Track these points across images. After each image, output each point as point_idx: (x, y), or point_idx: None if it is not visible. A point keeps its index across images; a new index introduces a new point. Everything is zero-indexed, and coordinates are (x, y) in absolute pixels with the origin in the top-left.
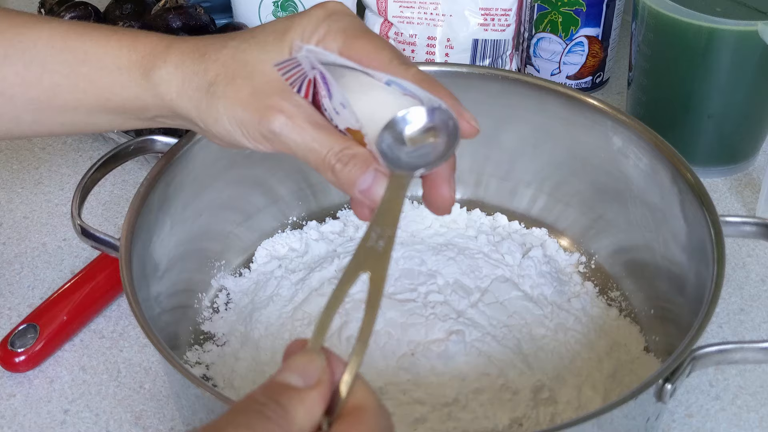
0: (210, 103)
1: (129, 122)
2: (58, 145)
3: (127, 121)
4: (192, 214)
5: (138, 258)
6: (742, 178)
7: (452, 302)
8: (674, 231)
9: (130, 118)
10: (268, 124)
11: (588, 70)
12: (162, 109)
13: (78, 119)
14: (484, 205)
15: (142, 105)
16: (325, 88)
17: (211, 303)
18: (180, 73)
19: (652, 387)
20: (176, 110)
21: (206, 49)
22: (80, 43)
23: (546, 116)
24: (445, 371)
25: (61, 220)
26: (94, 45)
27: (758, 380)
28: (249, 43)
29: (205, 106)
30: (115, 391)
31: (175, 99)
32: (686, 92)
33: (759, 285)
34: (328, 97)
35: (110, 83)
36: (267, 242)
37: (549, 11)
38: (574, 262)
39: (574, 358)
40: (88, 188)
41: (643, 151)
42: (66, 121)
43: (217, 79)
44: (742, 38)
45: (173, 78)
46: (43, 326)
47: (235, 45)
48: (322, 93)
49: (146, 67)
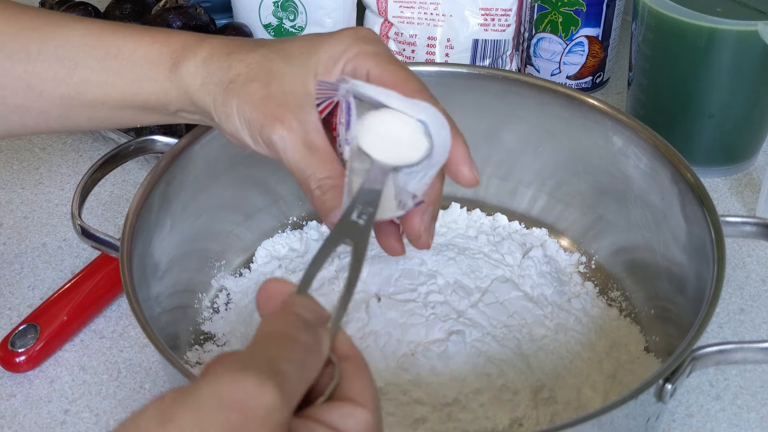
0: (225, 99)
1: (152, 117)
2: (58, 145)
3: (150, 116)
4: (192, 214)
5: (138, 258)
6: (742, 178)
7: (452, 302)
8: (674, 231)
9: (153, 113)
10: (269, 131)
11: (588, 70)
12: (184, 102)
13: (104, 114)
14: (485, 206)
15: (166, 99)
16: (346, 117)
17: (211, 303)
18: (206, 67)
19: (653, 387)
20: (196, 102)
21: (235, 49)
22: (113, 39)
23: (546, 116)
24: (445, 371)
25: (61, 220)
26: (127, 41)
27: (758, 380)
28: (277, 53)
29: (221, 101)
30: (115, 392)
31: (196, 91)
32: (686, 92)
33: (759, 285)
34: (346, 126)
35: (139, 77)
36: (267, 242)
37: (549, 11)
38: (574, 262)
39: (574, 358)
40: (88, 188)
41: (643, 151)
42: (93, 116)
43: (238, 78)
44: (743, 38)
45: (199, 71)
46: (43, 326)
47: (263, 52)
48: (342, 120)
49: (176, 61)
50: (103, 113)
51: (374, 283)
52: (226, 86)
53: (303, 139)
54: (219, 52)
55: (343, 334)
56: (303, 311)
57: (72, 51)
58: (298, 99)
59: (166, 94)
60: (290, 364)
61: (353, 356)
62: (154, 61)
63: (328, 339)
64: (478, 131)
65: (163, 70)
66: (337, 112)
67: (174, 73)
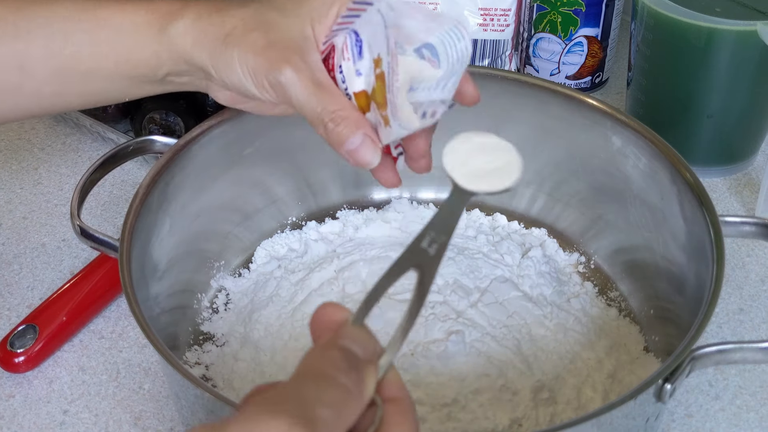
0: (224, 51)
1: (142, 88)
2: (58, 145)
3: (140, 87)
4: (191, 214)
5: (137, 258)
6: (742, 178)
7: (452, 302)
8: (674, 231)
9: (144, 82)
10: (276, 73)
11: (587, 70)
12: (176, 63)
13: (96, 87)
14: (484, 205)
15: (157, 62)
16: (352, 52)
17: (210, 303)
18: (197, 26)
19: (652, 387)
20: (190, 60)
21: (224, 7)
22: (100, 11)
23: (545, 116)
24: (445, 371)
25: (61, 220)
26: (111, 11)
27: (758, 380)
28: (267, 7)
29: (220, 53)
30: (114, 392)
31: (189, 50)
32: (685, 92)
33: (758, 285)
34: (353, 61)
35: (129, 44)
36: (266, 242)
37: (548, 11)
38: (573, 262)
39: (573, 358)
40: (87, 189)
41: (642, 151)
42: (85, 90)
43: (234, 30)
44: (742, 38)
45: (190, 30)
46: (42, 327)
47: (255, 6)
48: (346, 55)
49: (162, 24)
50: (95, 86)
51: (373, 283)
52: (223, 39)
53: (310, 77)
54: (207, 11)
55: (393, 374)
56: (352, 345)
57: (61, 25)
58: (299, 43)
59: (158, 57)
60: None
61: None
62: (142, 27)
63: (373, 380)
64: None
65: (151, 35)
66: (333, 55)
67: (163, 35)
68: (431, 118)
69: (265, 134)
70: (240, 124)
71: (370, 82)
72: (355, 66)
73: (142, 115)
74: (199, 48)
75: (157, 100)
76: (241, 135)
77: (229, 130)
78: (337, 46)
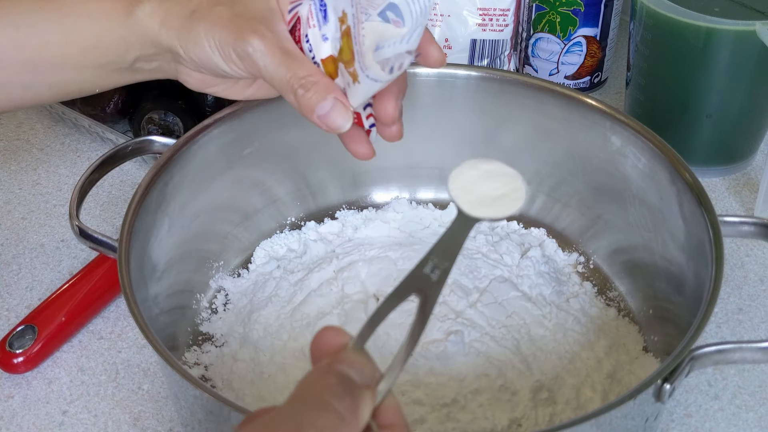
0: (191, 28)
1: (112, 77)
2: (56, 145)
3: (110, 77)
4: (190, 214)
5: (136, 259)
6: (741, 178)
7: (451, 302)
8: (673, 231)
9: (113, 71)
10: (243, 44)
11: (586, 70)
12: (144, 47)
13: (65, 77)
14: None
15: (125, 47)
16: (317, 18)
17: (209, 304)
18: (163, 7)
19: (651, 387)
20: (158, 42)
21: None
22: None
23: (544, 116)
24: (444, 372)
25: (59, 221)
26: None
27: (757, 380)
28: None
29: (187, 30)
30: (113, 392)
31: (156, 31)
32: (684, 92)
33: (757, 285)
34: (318, 27)
35: (97, 30)
36: (265, 243)
37: (547, 11)
38: (572, 262)
39: (573, 358)
40: (86, 189)
41: (641, 151)
42: (55, 81)
43: (200, 7)
44: (740, 38)
45: (156, 11)
46: (41, 327)
47: None
48: (311, 23)
49: (129, 8)
50: (64, 76)
51: (373, 283)
52: (189, 16)
53: (278, 45)
54: None
55: (391, 399)
56: (349, 370)
57: (26, 16)
58: (265, 14)
59: (125, 41)
60: None
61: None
62: (109, 12)
63: (369, 406)
64: (476, 131)
65: (119, 19)
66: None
67: (129, 18)
68: (398, 71)
69: (264, 134)
70: (239, 124)
71: (336, 45)
72: (321, 31)
73: (141, 116)
74: (167, 28)
75: (156, 100)
76: (240, 135)
77: (228, 131)
78: (302, 16)
